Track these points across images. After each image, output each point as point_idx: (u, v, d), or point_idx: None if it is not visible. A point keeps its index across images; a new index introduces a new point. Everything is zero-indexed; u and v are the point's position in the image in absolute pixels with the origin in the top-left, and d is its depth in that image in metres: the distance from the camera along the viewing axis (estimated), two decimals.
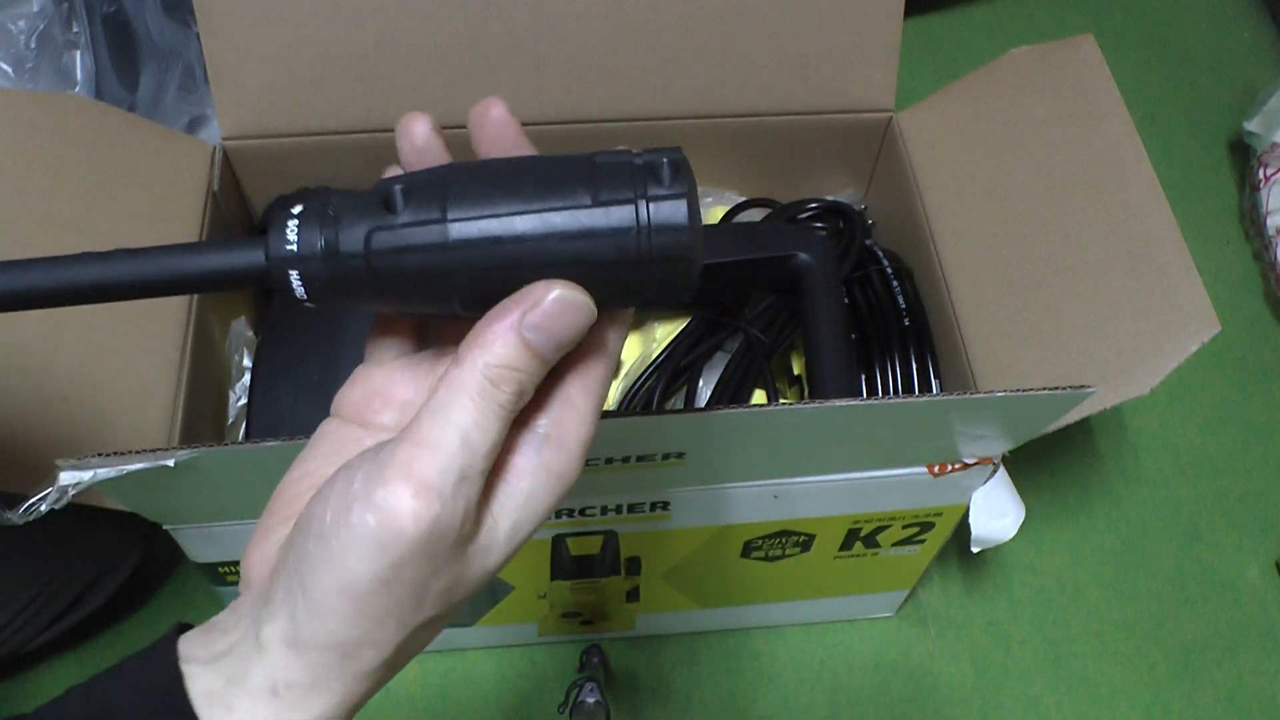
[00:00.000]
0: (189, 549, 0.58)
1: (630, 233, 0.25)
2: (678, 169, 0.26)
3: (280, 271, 0.27)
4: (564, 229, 0.25)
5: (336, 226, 0.26)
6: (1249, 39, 1.27)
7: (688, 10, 0.65)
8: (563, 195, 0.26)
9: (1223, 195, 1.13)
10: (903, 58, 0.69)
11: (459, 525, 0.25)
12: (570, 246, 0.26)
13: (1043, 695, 0.83)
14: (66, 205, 0.56)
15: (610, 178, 0.26)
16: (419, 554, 0.25)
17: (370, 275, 0.26)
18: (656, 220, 0.26)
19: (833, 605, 0.81)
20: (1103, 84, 0.63)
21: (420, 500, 0.24)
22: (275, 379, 0.63)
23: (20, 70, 0.76)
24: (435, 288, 0.26)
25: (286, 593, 0.26)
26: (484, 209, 0.26)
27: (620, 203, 0.25)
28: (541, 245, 0.26)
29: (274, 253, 0.26)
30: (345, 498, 0.25)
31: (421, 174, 0.27)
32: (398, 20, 0.63)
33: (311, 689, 0.26)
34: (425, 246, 0.26)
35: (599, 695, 0.70)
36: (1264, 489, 0.93)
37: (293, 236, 0.26)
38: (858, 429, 0.54)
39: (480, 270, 0.26)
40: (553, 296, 0.25)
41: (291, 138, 0.66)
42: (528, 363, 0.25)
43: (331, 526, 0.25)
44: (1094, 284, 0.58)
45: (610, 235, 0.26)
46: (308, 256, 0.26)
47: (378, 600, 0.25)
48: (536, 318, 0.25)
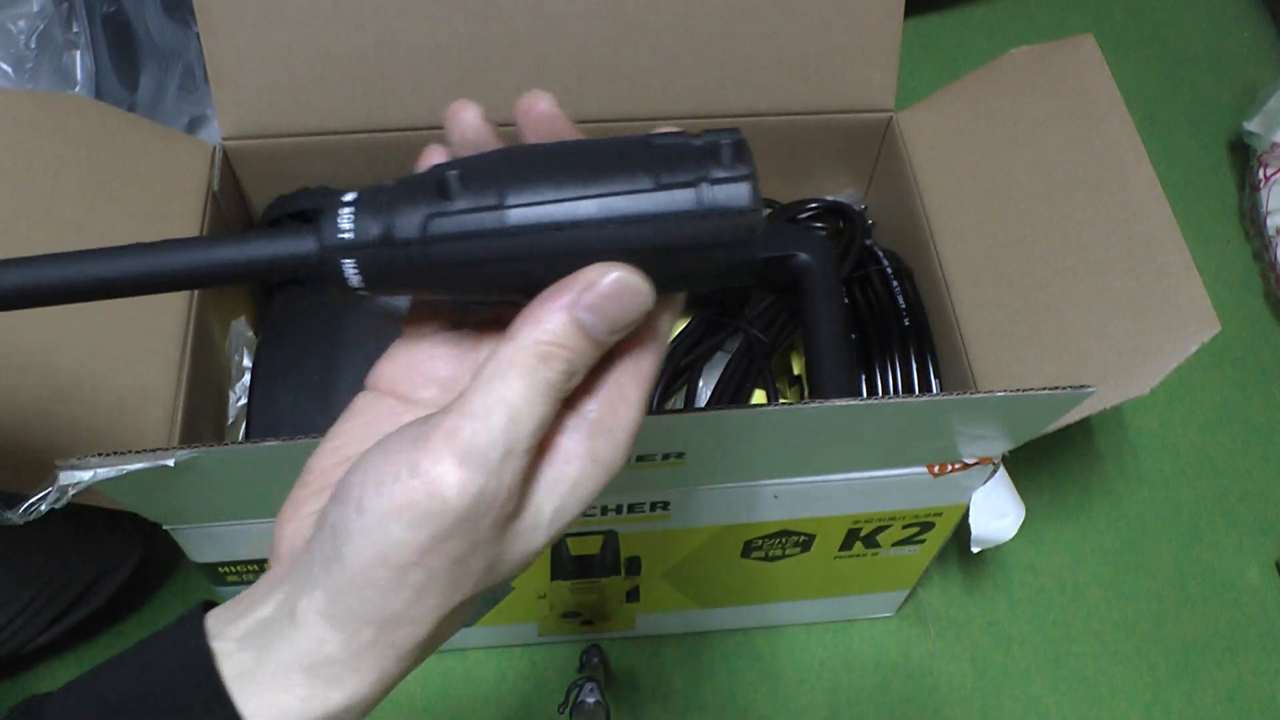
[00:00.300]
0: (189, 549, 0.58)
1: (692, 216, 0.25)
2: (738, 151, 0.26)
3: (333, 259, 0.26)
4: (625, 213, 0.25)
5: (391, 213, 0.26)
6: (1249, 39, 1.27)
7: (688, 10, 0.65)
8: (622, 178, 0.25)
9: (1223, 195, 1.13)
10: (903, 58, 0.69)
11: (503, 500, 0.24)
12: (631, 231, 0.25)
13: (1043, 695, 0.83)
14: (66, 205, 0.56)
15: (670, 160, 0.25)
16: (462, 526, 0.24)
17: (427, 262, 0.26)
18: (719, 203, 0.25)
19: (833, 605, 0.81)
20: (1103, 84, 0.63)
21: (466, 471, 0.24)
22: (275, 379, 0.63)
23: (20, 70, 0.76)
24: (493, 274, 0.26)
25: (324, 564, 0.25)
26: (543, 194, 0.25)
27: (682, 185, 0.25)
28: (602, 230, 0.25)
29: (327, 240, 0.26)
30: (389, 467, 0.24)
31: (477, 159, 0.27)
32: (398, 20, 0.63)
33: (347, 666, 0.25)
34: (484, 232, 0.25)
35: (599, 695, 0.70)
36: (1264, 489, 0.93)
37: (347, 224, 0.26)
38: (858, 429, 0.54)
39: (539, 256, 0.25)
40: (610, 279, 0.25)
41: (291, 138, 0.66)
42: (579, 343, 0.25)
43: (373, 495, 0.24)
44: (1094, 284, 0.58)
45: (672, 219, 0.25)
46: (362, 244, 0.26)
47: (417, 573, 0.24)
48: (591, 299, 0.25)
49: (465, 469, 0.24)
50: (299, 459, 0.48)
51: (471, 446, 0.24)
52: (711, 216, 0.25)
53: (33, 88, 0.76)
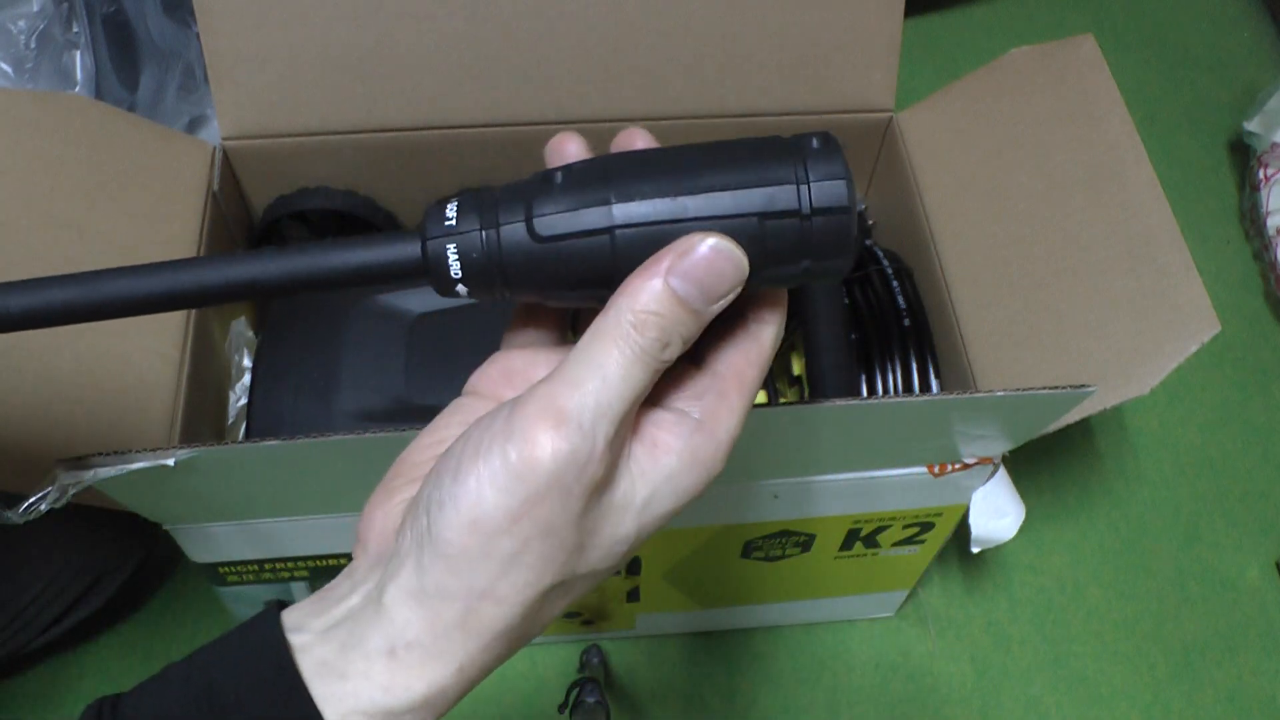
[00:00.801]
0: (189, 549, 0.58)
1: (794, 215, 0.26)
2: (832, 151, 0.26)
3: (438, 258, 0.27)
4: (728, 211, 0.26)
5: (495, 208, 0.26)
6: (1249, 39, 1.27)
7: (688, 10, 0.65)
8: (724, 178, 0.26)
9: (1223, 195, 1.13)
10: (903, 58, 0.69)
11: (595, 463, 0.24)
12: (733, 228, 0.26)
13: (1043, 695, 0.83)
14: (66, 205, 0.56)
15: (770, 161, 0.26)
16: (553, 488, 0.24)
17: (532, 259, 0.26)
18: (818, 203, 0.26)
19: (833, 605, 0.81)
20: (1103, 84, 0.63)
21: (558, 431, 0.24)
22: (275, 379, 0.63)
23: (20, 70, 0.76)
24: (594, 270, 0.26)
25: (414, 541, 0.25)
26: (647, 192, 0.26)
27: (782, 183, 0.26)
28: (704, 228, 0.26)
29: (431, 238, 0.27)
30: (485, 436, 0.25)
31: (580, 163, 0.27)
32: (398, 20, 0.63)
33: (430, 650, 0.25)
34: (589, 230, 0.26)
35: (599, 695, 0.70)
36: (1264, 489, 0.93)
37: (451, 215, 0.27)
38: (858, 429, 0.54)
39: (643, 254, 0.26)
40: (706, 245, 0.25)
41: (291, 138, 0.66)
42: (674, 310, 0.25)
43: (469, 461, 0.25)
44: (1094, 284, 0.58)
45: (774, 217, 0.26)
46: (467, 244, 0.26)
47: (507, 541, 0.24)
48: (685, 265, 0.25)
49: (557, 430, 0.24)
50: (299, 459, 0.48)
51: (564, 409, 0.24)
52: (811, 215, 0.26)
53: (33, 88, 0.76)
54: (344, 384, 0.62)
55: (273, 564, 0.61)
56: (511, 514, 0.24)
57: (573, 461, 0.24)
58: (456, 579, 0.25)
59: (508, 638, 0.26)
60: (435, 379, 0.62)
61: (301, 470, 0.50)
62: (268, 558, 0.60)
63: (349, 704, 0.25)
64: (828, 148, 0.26)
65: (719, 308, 0.26)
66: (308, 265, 0.27)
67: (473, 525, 0.24)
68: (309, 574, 0.63)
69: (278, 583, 0.64)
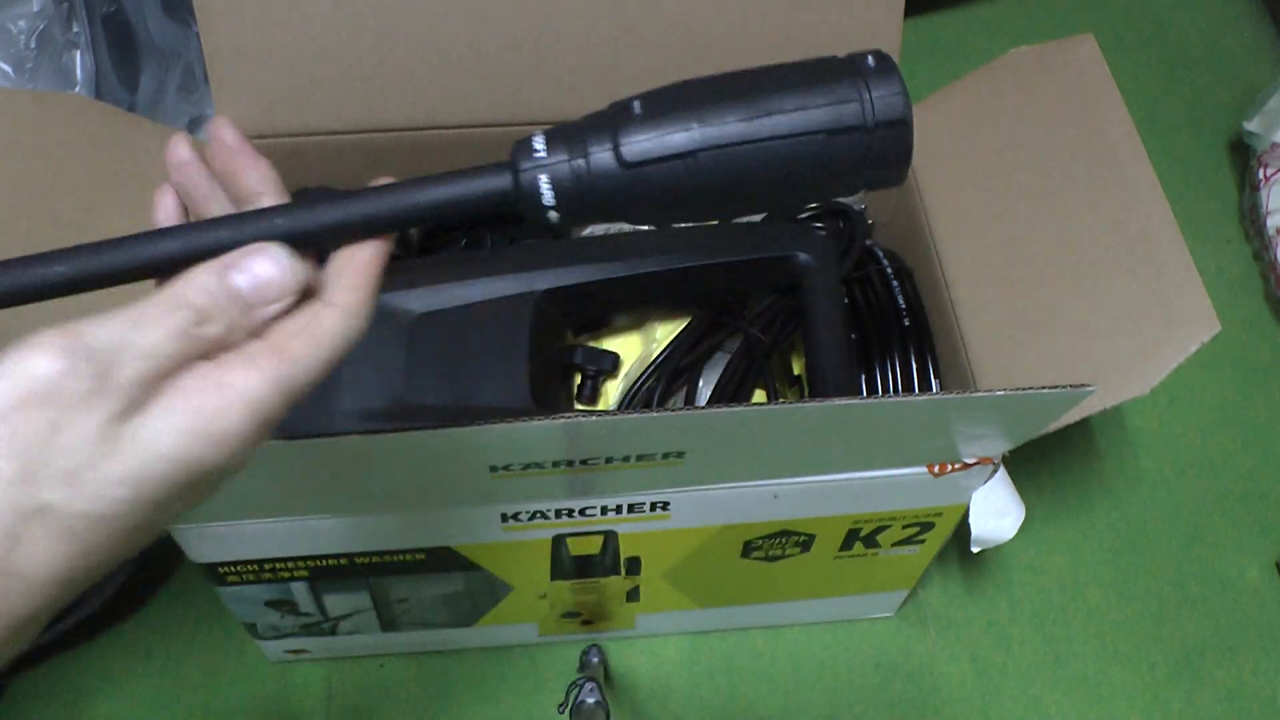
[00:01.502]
0: (189, 549, 0.58)
1: (859, 130, 0.28)
2: (889, 69, 0.28)
3: (531, 188, 0.28)
4: (798, 129, 0.28)
5: (582, 137, 0.28)
6: (1249, 39, 1.27)
7: (688, 10, 0.65)
8: (794, 100, 0.28)
9: (1223, 195, 1.13)
10: (903, 58, 0.69)
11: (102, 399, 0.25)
12: (802, 144, 0.28)
13: (1043, 695, 0.83)
14: (66, 205, 0.56)
15: (833, 81, 0.28)
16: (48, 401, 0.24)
17: (621, 184, 0.28)
18: (880, 117, 0.28)
19: (833, 605, 0.81)
20: (1103, 84, 0.63)
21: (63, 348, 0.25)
22: None
23: (20, 70, 0.76)
24: (683, 191, 0.28)
25: None
26: (725, 117, 0.28)
27: (847, 101, 0.28)
28: (781, 145, 0.28)
29: (523, 169, 0.28)
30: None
31: (656, 91, 0.30)
32: (398, 20, 0.63)
33: None
34: (674, 154, 0.28)
35: (599, 695, 0.70)
36: (1264, 489, 0.93)
37: (539, 147, 0.28)
38: (858, 429, 0.54)
39: (724, 173, 0.28)
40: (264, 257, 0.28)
41: (291, 138, 0.66)
42: (225, 296, 0.27)
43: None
44: (1094, 284, 0.58)
45: (841, 133, 0.28)
46: (558, 173, 0.28)
47: None
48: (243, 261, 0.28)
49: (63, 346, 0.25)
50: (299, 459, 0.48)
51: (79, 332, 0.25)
52: (874, 128, 0.28)
53: (33, 88, 0.76)
54: (344, 384, 0.62)
55: (273, 564, 0.61)
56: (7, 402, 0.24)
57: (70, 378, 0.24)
58: None
59: None
60: (436, 379, 0.62)
61: (301, 470, 0.50)
62: (268, 558, 0.60)
63: None
64: (883, 65, 0.28)
65: (270, 311, 0.28)
66: (399, 203, 0.29)
67: None
68: (309, 574, 0.63)
69: (277, 583, 0.64)
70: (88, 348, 0.25)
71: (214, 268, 0.28)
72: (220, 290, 0.27)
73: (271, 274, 0.28)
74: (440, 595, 0.71)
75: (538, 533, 0.63)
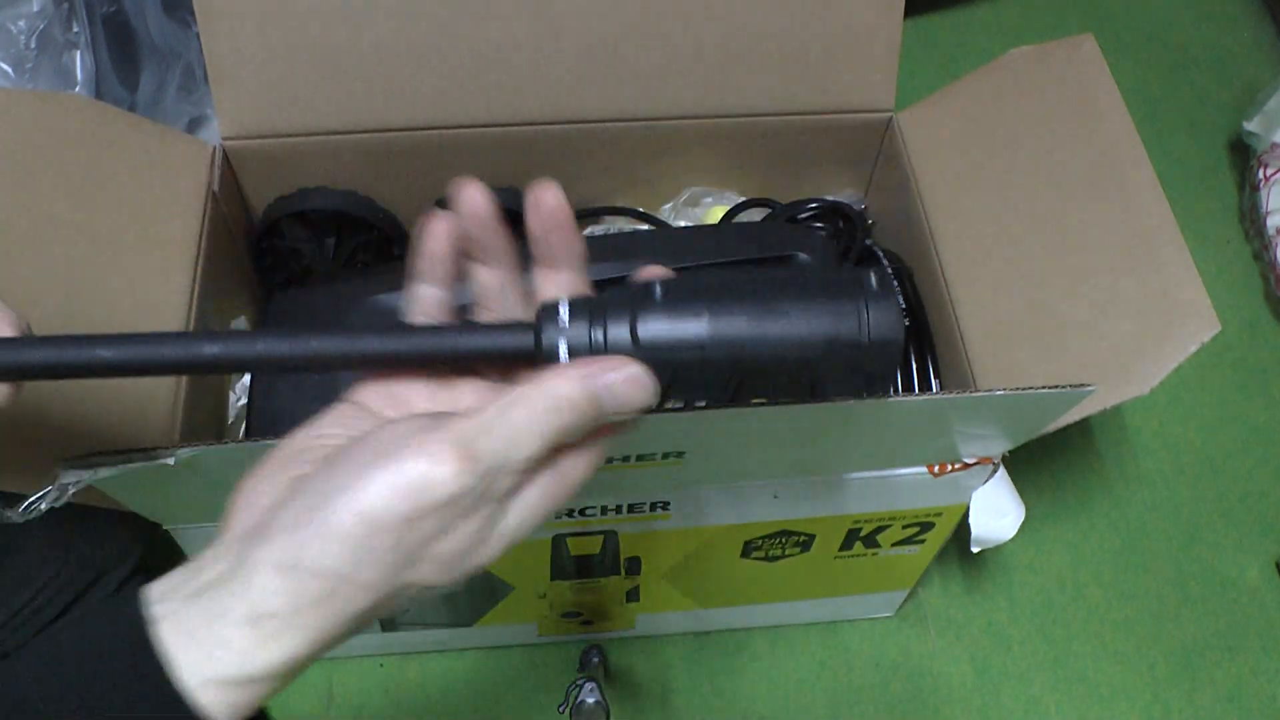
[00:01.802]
0: (189, 549, 0.58)
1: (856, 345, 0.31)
2: (888, 292, 0.31)
3: (551, 350, 0.31)
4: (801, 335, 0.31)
5: (605, 317, 0.31)
6: (1249, 39, 1.27)
7: (687, 10, 0.65)
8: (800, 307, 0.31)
9: (1223, 195, 1.13)
10: (903, 58, 0.69)
11: (482, 506, 0.28)
12: (804, 348, 0.31)
13: (1043, 695, 0.83)
14: (66, 205, 0.56)
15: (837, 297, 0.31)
16: (443, 512, 0.27)
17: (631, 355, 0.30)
18: (875, 336, 0.31)
19: (833, 605, 0.82)
20: (1103, 84, 0.63)
21: (463, 465, 0.27)
22: (275, 379, 0.63)
23: (20, 70, 0.76)
24: (691, 372, 0.31)
25: (295, 518, 0.27)
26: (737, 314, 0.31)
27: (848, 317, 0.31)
28: (782, 347, 0.31)
29: (545, 330, 0.31)
30: (397, 441, 0.28)
31: (677, 279, 0.32)
32: (398, 20, 0.63)
33: (290, 622, 0.27)
34: (685, 341, 0.30)
35: (599, 695, 0.70)
36: (1264, 489, 0.93)
37: (565, 323, 0.31)
38: (858, 429, 0.54)
39: (729, 365, 0.31)
40: (632, 369, 0.30)
41: (291, 138, 0.66)
42: (588, 409, 0.29)
43: (375, 461, 0.27)
44: (1094, 284, 0.58)
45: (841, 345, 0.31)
46: (577, 341, 0.31)
47: (387, 538, 0.27)
48: (611, 378, 0.29)
49: (465, 465, 0.27)
50: None
51: (476, 449, 0.27)
52: (870, 345, 0.31)
53: (33, 88, 0.76)
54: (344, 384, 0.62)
55: None
56: (403, 518, 0.27)
57: (468, 495, 0.27)
58: (331, 560, 0.27)
59: (359, 619, 0.28)
60: None
61: None
62: None
63: (208, 671, 0.26)
64: (884, 288, 0.31)
65: (620, 419, 0.30)
66: (434, 344, 0.32)
67: (364, 518, 0.27)
68: None
69: None
70: (480, 467, 0.27)
71: (582, 381, 0.29)
72: (584, 402, 0.29)
73: (631, 392, 0.30)
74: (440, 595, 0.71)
75: (538, 533, 0.63)
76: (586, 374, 0.29)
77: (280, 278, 0.74)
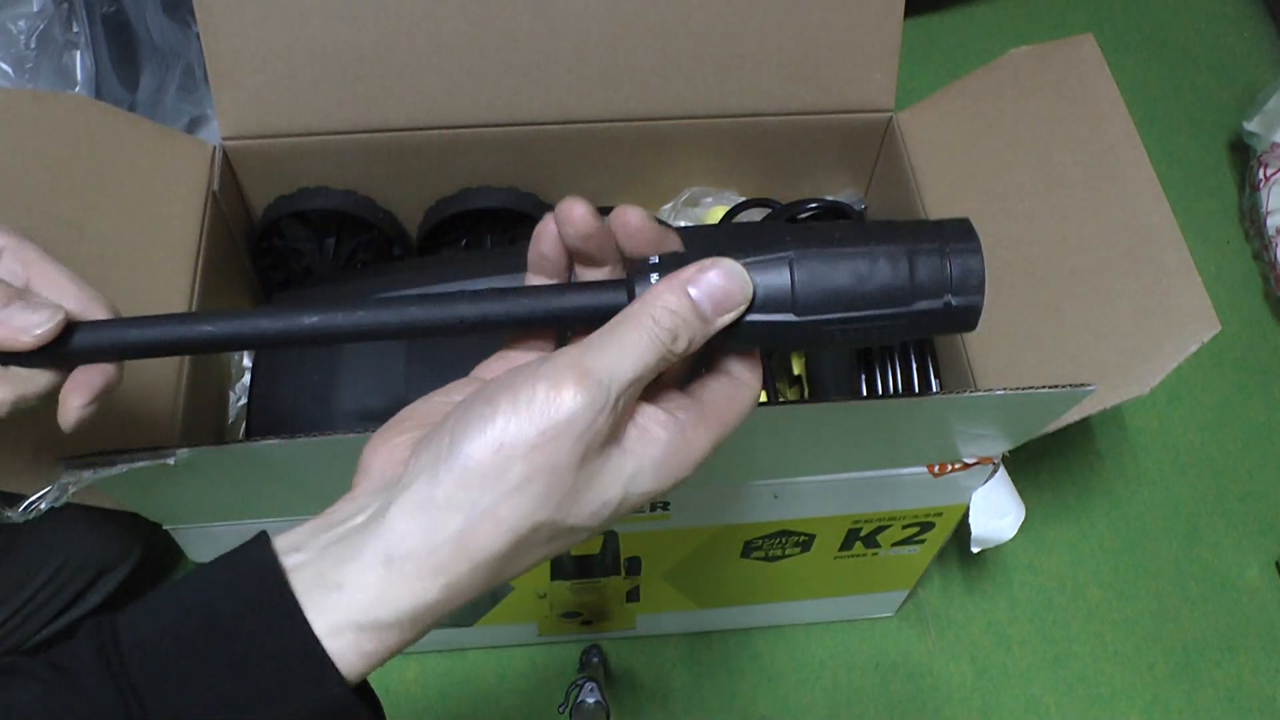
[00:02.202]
0: (189, 549, 0.58)
1: (938, 317, 0.31)
2: (973, 264, 0.31)
3: None
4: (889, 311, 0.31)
5: None
6: (1249, 39, 1.27)
7: (687, 10, 0.65)
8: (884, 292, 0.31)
9: (1223, 195, 1.13)
10: (903, 58, 0.69)
11: (605, 416, 0.28)
12: (893, 325, 0.31)
13: (1043, 695, 0.83)
14: (66, 205, 0.56)
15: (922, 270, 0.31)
16: (568, 430, 0.28)
17: (721, 335, 0.31)
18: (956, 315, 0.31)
19: (833, 605, 0.82)
20: (1103, 84, 0.63)
21: (581, 383, 0.28)
22: (275, 379, 0.63)
23: (20, 70, 0.76)
24: (774, 342, 0.32)
25: (431, 459, 0.28)
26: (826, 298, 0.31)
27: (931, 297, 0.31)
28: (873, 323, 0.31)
29: (639, 289, 0.31)
30: (520, 380, 0.28)
31: (765, 255, 0.32)
32: (398, 20, 0.63)
33: (425, 563, 0.27)
34: (773, 323, 0.31)
35: (599, 695, 0.70)
36: (1264, 489, 0.93)
37: (654, 275, 0.31)
38: (858, 429, 0.54)
39: (817, 338, 0.31)
40: (720, 265, 0.30)
41: (291, 138, 0.66)
42: (688, 312, 0.30)
43: (502, 396, 0.28)
44: (1094, 284, 0.58)
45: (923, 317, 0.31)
46: None
47: (520, 465, 0.27)
48: (703, 279, 0.30)
49: (580, 382, 0.28)
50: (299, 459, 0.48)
51: (588, 367, 0.28)
52: (950, 321, 0.32)
53: (33, 88, 0.76)
54: (344, 384, 0.62)
55: None
56: (530, 443, 0.27)
57: (589, 410, 0.28)
58: (466, 492, 0.27)
59: (492, 566, 0.28)
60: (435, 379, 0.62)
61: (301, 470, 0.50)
62: None
63: (340, 615, 0.27)
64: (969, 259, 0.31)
65: (724, 320, 0.31)
66: (530, 307, 0.32)
67: (495, 446, 0.27)
68: None
69: None
70: (593, 380, 0.28)
71: (675, 286, 0.30)
72: (683, 307, 0.30)
73: (725, 285, 0.30)
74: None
75: None
76: (680, 278, 0.30)
77: (280, 278, 0.74)
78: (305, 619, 0.27)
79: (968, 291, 0.31)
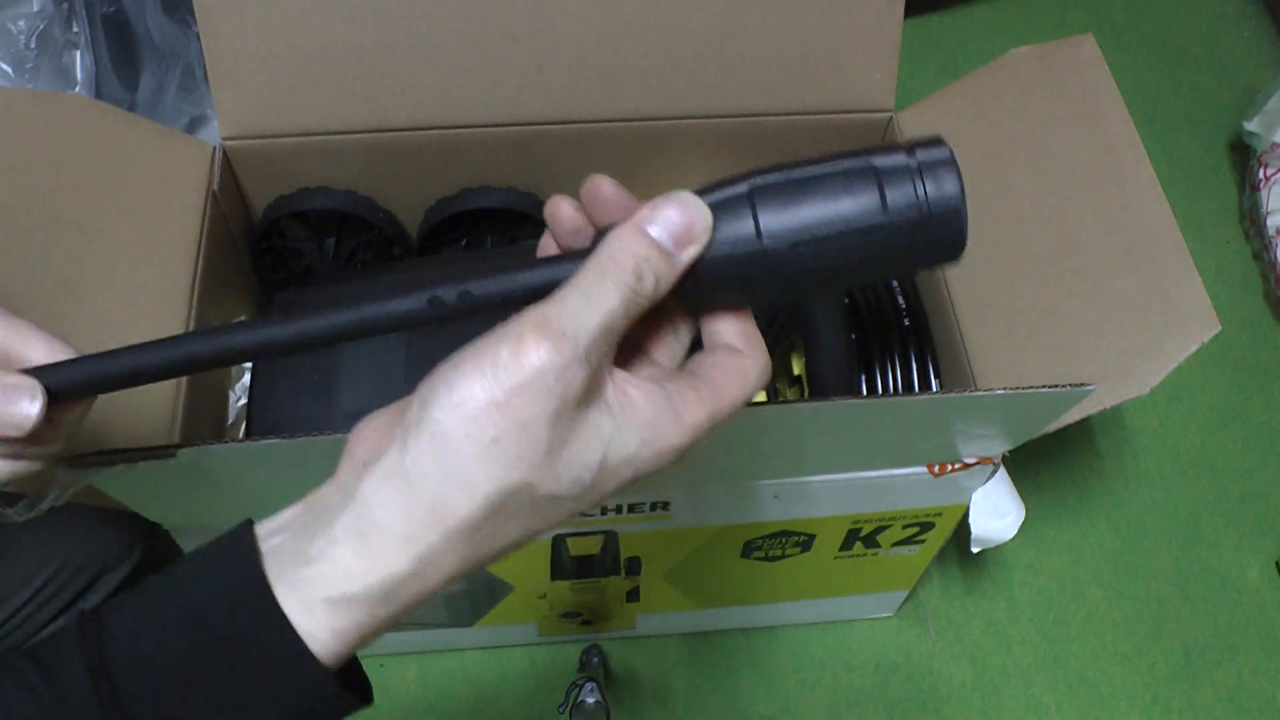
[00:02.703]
0: (189, 549, 0.58)
1: (916, 232, 0.30)
2: (949, 172, 0.30)
3: None
4: (861, 226, 0.30)
5: None
6: (1249, 39, 1.27)
7: (687, 10, 0.65)
8: (858, 203, 0.30)
9: (1223, 195, 1.13)
10: (903, 58, 0.69)
11: (574, 368, 0.27)
12: (869, 244, 0.30)
13: (1043, 695, 0.83)
14: (66, 205, 0.56)
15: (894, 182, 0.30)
16: (535, 384, 0.27)
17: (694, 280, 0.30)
18: (938, 235, 0.30)
19: (833, 605, 0.82)
20: (1103, 84, 0.63)
21: (543, 336, 0.27)
22: (275, 379, 0.63)
23: (20, 70, 0.76)
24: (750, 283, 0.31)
25: (402, 430, 0.28)
26: (792, 220, 0.30)
27: (907, 207, 0.30)
28: (846, 244, 0.30)
29: None
30: (481, 342, 0.28)
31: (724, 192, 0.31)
32: (398, 20, 0.63)
33: (397, 534, 0.27)
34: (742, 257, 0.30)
35: (599, 695, 0.70)
36: (1264, 489, 0.93)
37: None
38: (858, 429, 0.54)
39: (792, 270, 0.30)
40: (673, 197, 0.30)
41: (291, 138, 0.66)
42: (647, 248, 0.29)
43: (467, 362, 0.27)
44: (1094, 284, 0.58)
45: (902, 232, 0.30)
46: None
47: (488, 425, 0.26)
48: (658, 215, 0.29)
49: (543, 335, 0.27)
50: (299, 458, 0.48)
51: (550, 320, 0.27)
52: (931, 233, 0.30)
53: (33, 88, 0.76)
54: (344, 384, 0.62)
55: None
56: (495, 402, 0.27)
57: (555, 363, 0.27)
58: (436, 458, 0.27)
59: (467, 537, 0.28)
60: None
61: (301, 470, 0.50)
62: None
63: (312, 590, 0.27)
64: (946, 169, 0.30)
65: (689, 254, 0.30)
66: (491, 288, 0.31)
67: (458, 407, 0.27)
68: None
69: None
70: (554, 331, 0.27)
71: (630, 227, 0.29)
72: (643, 245, 0.29)
73: (682, 216, 0.29)
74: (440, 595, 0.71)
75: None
76: (635, 220, 0.29)
77: (280, 278, 0.74)
78: (283, 613, 0.27)
79: (943, 193, 0.30)
